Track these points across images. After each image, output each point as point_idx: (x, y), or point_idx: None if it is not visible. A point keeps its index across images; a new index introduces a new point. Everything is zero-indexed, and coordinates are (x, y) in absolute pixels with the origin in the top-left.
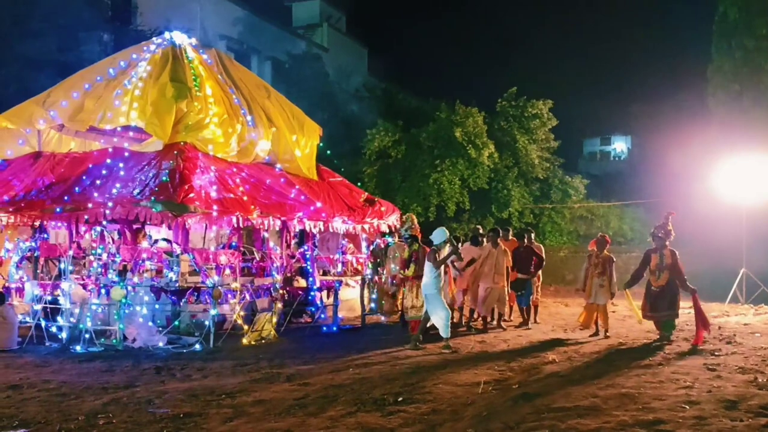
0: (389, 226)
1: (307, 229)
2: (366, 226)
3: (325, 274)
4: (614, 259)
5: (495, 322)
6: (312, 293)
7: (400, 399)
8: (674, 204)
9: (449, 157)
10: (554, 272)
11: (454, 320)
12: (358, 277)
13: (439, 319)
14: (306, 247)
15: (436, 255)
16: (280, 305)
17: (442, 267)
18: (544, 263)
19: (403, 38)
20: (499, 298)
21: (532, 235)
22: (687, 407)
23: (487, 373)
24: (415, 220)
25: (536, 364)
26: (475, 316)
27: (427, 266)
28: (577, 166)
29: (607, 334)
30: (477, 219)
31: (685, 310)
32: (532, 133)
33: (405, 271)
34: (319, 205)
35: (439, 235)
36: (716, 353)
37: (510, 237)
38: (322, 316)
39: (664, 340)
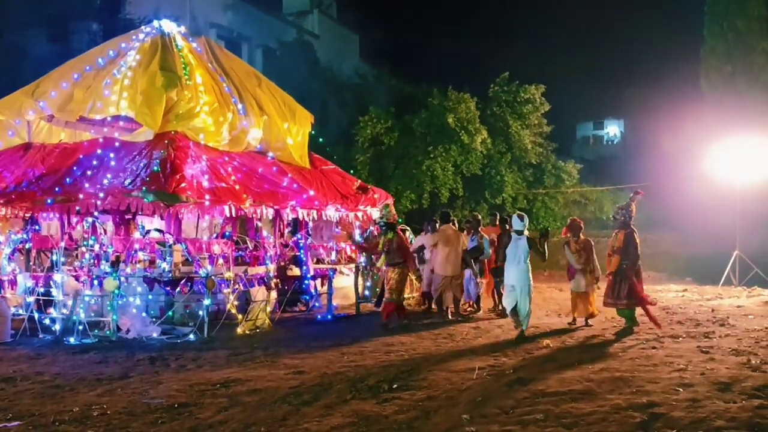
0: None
1: (300, 217)
2: (359, 214)
3: (318, 262)
4: (593, 243)
5: (447, 311)
6: (306, 282)
7: (395, 386)
8: (668, 187)
9: (442, 143)
10: (548, 257)
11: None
12: (352, 265)
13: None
14: (299, 236)
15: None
16: (274, 294)
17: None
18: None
19: (395, 24)
20: (448, 285)
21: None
22: (680, 390)
23: (482, 359)
24: (393, 209)
25: (531, 350)
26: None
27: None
28: (571, 150)
29: (590, 322)
30: (471, 205)
31: (679, 293)
32: (525, 119)
33: (377, 262)
34: (311, 193)
35: (518, 222)
36: (709, 336)
37: (497, 223)
38: (317, 304)
39: (624, 333)
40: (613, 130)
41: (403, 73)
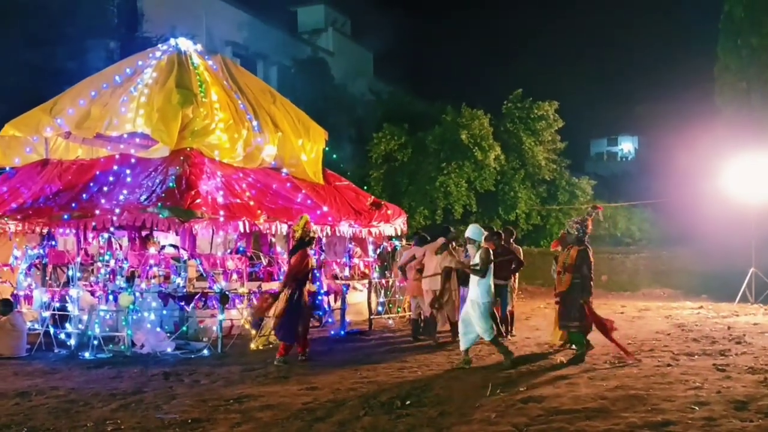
0: (395, 230)
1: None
2: (373, 230)
3: (332, 278)
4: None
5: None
6: (319, 297)
7: (408, 402)
8: (683, 204)
9: (455, 159)
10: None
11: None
12: (366, 281)
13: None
14: (313, 251)
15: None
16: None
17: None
18: (523, 267)
19: (408, 41)
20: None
21: (512, 236)
22: (696, 408)
23: (495, 375)
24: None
25: (544, 366)
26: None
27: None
28: (584, 167)
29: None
30: (484, 221)
31: (695, 310)
32: (539, 135)
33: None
34: (325, 209)
35: (477, 232)
36: (726, 353)
37: (491, 238)
38: (330, 320)
39: (576, 359)
40: (627, 146)
41: (417, 90)
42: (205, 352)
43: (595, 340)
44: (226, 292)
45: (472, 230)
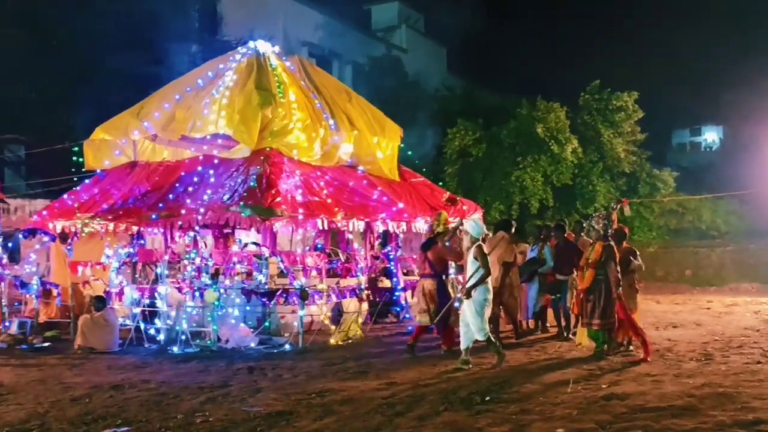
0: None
1: (390, 229)
2: (449, 226)
3: (408, 274)
4: (637, 252)
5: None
6: (396, 293)
7: (488, 398)
8: None
9: (531, 153)
10: (645, 268)
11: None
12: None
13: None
14: (389, 248)
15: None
16: (365, 305)
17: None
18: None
19: (481, 35)
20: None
21: (582, 230)
22: None
23: (576, 372)
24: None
25: (627, 363)
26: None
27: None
28: (666, 158)
29: (631, 348)
30: (561, 215)
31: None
32: (617, 127)
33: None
34: (401, 205)
35: (476, 228)
36: None
37: (552, 233)
38: (407, 315)
39: (595, 356)
40: (711, 136)
41: (491, 84)
42: (287, 347)
43: (679, 336)
44: (306, 289)
45: (469, 225)
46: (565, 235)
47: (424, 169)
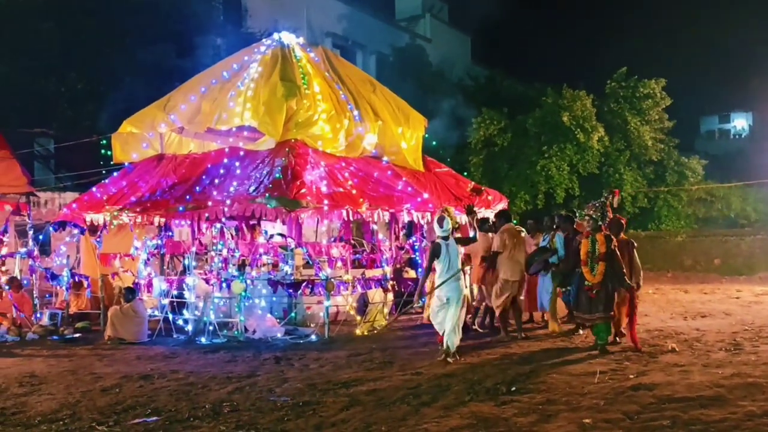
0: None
1: (415, 220)
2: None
3: None
4: (635, 244)
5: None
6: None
7: (514, 388)
8: None
9: (557, 142)
10: (672, 258)
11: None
12: (467, 268)
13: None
14: (414, 238)
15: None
16: (390, 296)
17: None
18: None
19: (505, 24)
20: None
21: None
22: None
23: (602, 362)
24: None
25: (654, 353)
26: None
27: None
28: (694, 146)
29: (619, 340)
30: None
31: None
32: (645, 114)
33: None
34: (426, 196)
35: (438, 228)
36: None
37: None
38: None
39: (601, 351)
40: (740, 123)
41: (516, 73)
42: (313, 337)
43: (708, 326)
44: (332, 279)
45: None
46: (575, 225)
47: (448, 159)
